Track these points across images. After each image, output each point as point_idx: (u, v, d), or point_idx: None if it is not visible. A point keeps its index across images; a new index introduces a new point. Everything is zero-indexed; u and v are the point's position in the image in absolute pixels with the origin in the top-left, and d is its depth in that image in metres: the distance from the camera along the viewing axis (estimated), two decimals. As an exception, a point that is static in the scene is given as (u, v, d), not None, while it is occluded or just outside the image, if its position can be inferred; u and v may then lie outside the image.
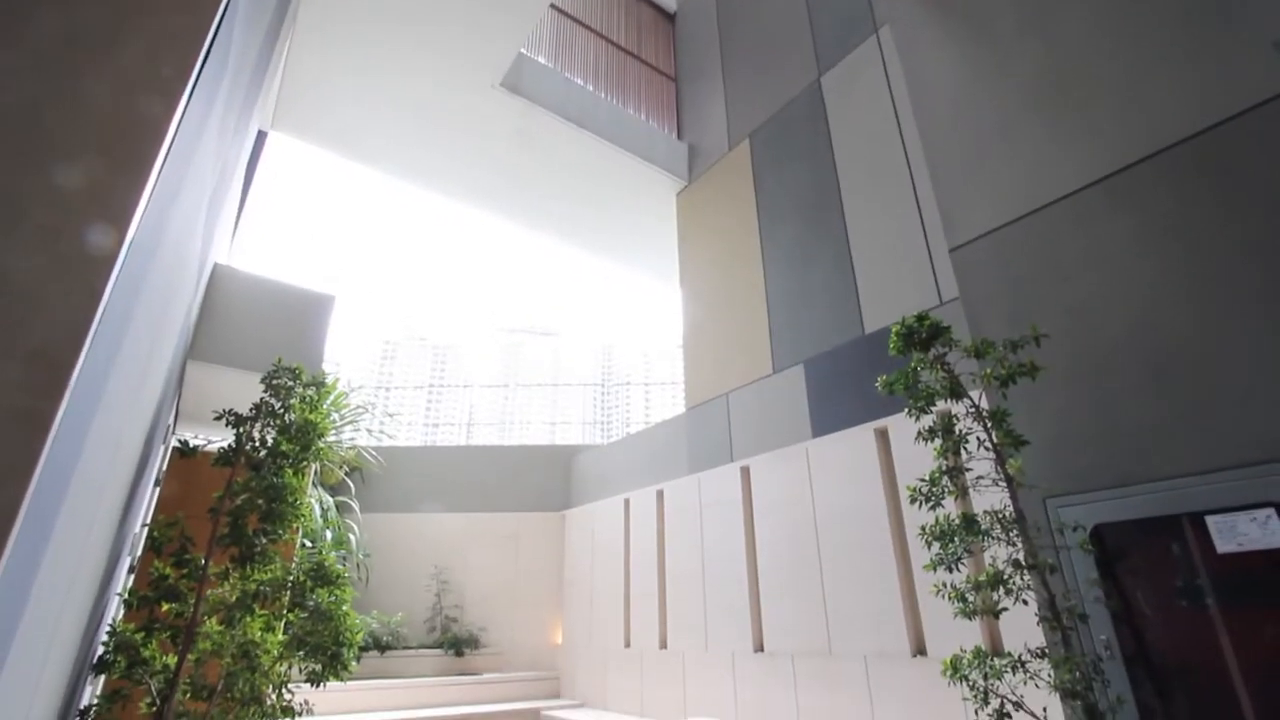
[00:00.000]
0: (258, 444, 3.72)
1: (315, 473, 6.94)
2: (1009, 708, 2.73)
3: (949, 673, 2.83)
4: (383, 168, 8.65)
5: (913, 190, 5.18)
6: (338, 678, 3.58)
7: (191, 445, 3.78)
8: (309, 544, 6.35)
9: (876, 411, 4.80)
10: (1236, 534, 2.74)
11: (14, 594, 1.16)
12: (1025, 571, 2.85)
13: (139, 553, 4.41)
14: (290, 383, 3.77)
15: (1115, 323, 3.28)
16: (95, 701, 3.36)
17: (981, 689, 2.76)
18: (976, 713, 2.76)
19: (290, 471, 3.66)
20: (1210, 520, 2.81)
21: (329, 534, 7.17)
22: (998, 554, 3.04)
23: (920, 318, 3.20)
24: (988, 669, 2.76)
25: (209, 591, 3.46)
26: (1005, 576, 2.84)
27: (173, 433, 5.09)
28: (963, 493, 3.08)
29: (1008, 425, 3.02)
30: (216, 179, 3.15)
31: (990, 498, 3.26)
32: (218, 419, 3.61)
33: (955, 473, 3.10)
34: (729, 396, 6.41)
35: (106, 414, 1.57)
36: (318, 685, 3.56)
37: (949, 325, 3.20)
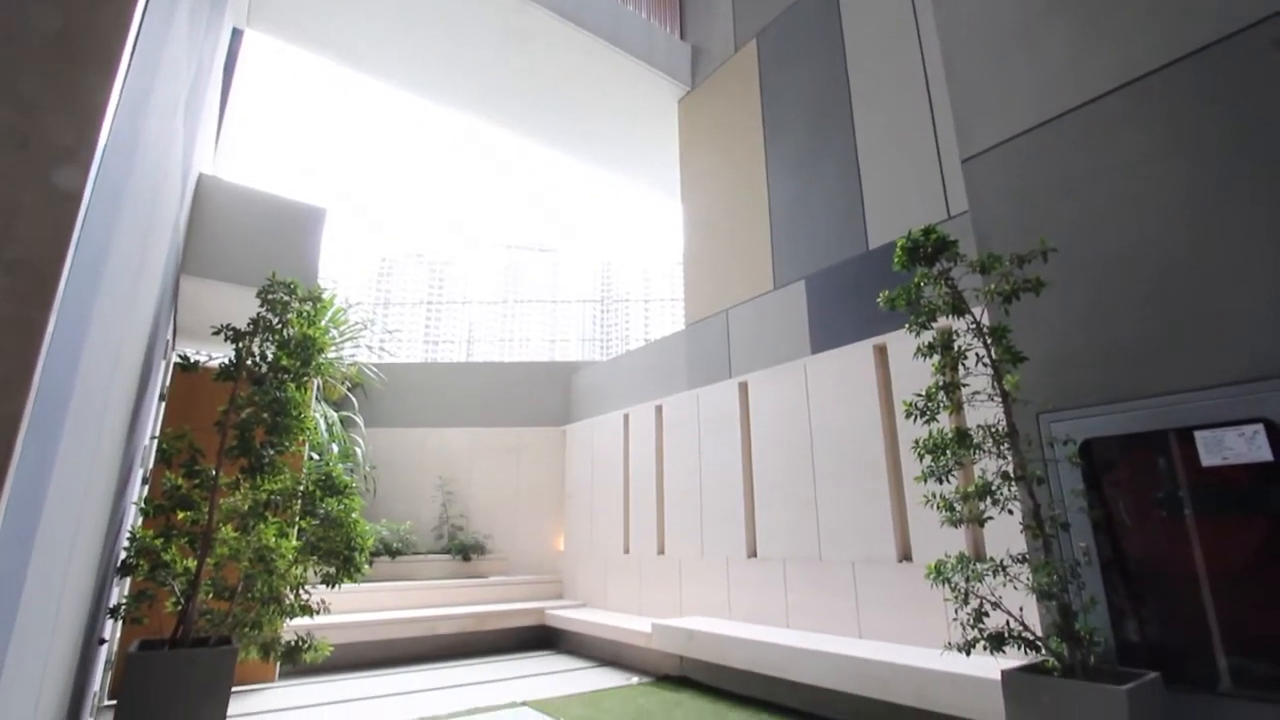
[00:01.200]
0: (258, 359, 3.74)
1: (317, 388, 7.01)
2: (987, 607, 2.90)
3: (932, 576, 2.97)
4: (365, 69, 8.18)
5: (927, 97, 4.94)
6: (351, 579, 3.77)
7: (192, 360, 3.80)
8: (316, 456, 6.51)
9: (876, 328, 4.80)
10: (1223, 448, 2.80)
11: (28, 499, 1.18)
12: (1013, 483, 2.94)
13: (151, 464, 4.54)
14: (286, 297, 3.74)
15: (1121, 237, 3.21)
16: (124, 600, 3.55)
17: (962, 590, 2.91)
18: (956, 612, 2.93)
19: (292, 386, 3.70)
20: (1199, 435, 2.86)
21: (335, 447, 7.34)
22: (987, 466, 3.13)
23: (927, 231, 3.13)
24: (970, 572, 2.90)
25: (222, 500, 3.58)
26: (993, 487, 2.93)
27: (173, 348, 5.10)
28: (957, 408, 3.12)
29: (1007, 341, 3.03)
30: (192, 78, 2.98)
31: (984, 412, 3.31)
32: (216, 334, 3.60)
33: (951, 388, 3.13)
34: (729, 313, 6.39)
35: (101, 324, 1.55)
36: (333, 586, 3.76)
37: (956, 239, 3.14)
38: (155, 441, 4.43)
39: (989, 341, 3.03)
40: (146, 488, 4.49)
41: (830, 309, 5.31)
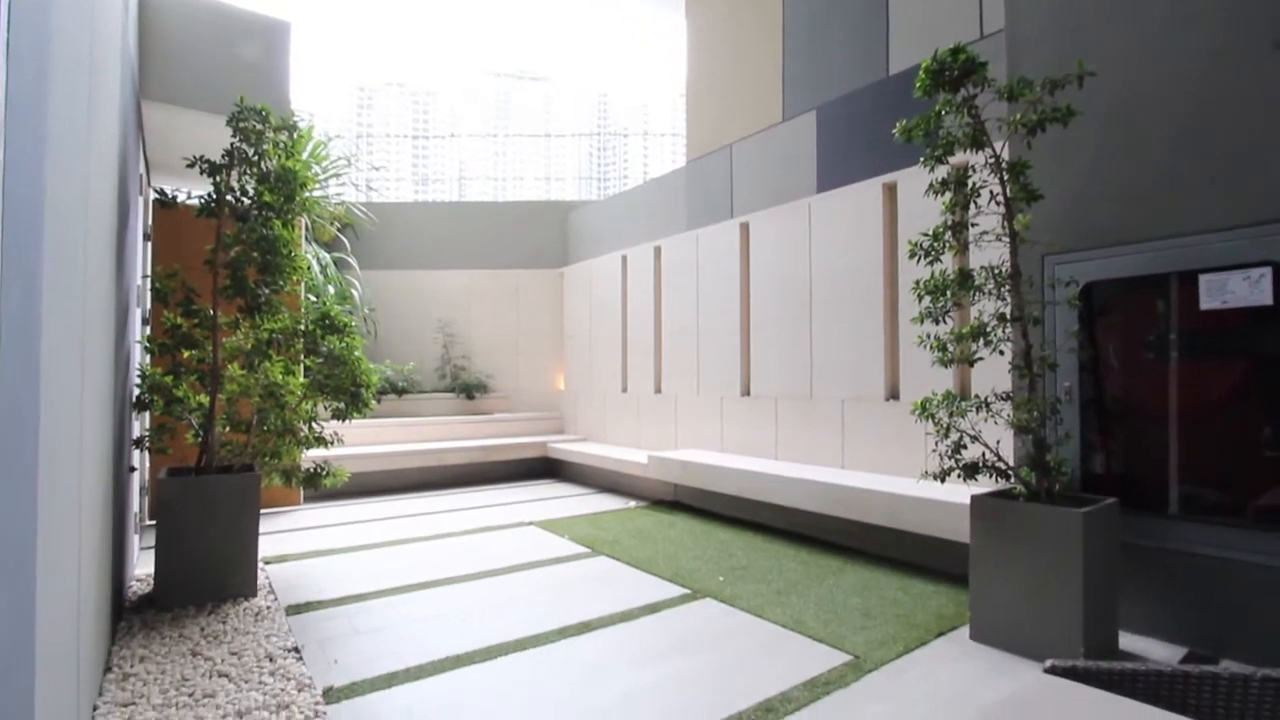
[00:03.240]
0: (238, 194, 3.57)
1: (306, 228, 6.82)
2: (966, 440, 3.06)
3: (918, 411, 3.10)
4: None
5: (972, -115, 4.25)
6: (360, 414, 3.93)
7: (171, 195, 3.63)
8: (314, 299, 6.51)
9: (887, 164, 4.56)
10: (1225, 291, 2.79)
11: (23, 326, 1.17)
12: (1008, 324, 2.96)
13: (148, 304, 4.53)
14: (259, 125, 3.48)
15: (1164, 65, 2.92)
16: (146, 433, 3.72)
17: (945, 425, 3.06)
18: (936, 444, 3.09)
19: (279, 224, 3.58)
20: (1203, 278, 2.83)
21: (331, 289, 7.31)
22: (985, 308, 3.13)
23: (955, 51, 2.84)
24: (954, 408, 3.02)
25: (225, 340, 3.62)
26: (988, 329, 2.96)
27: (148, 184, 4.86)
28: (963, 248, 3.05)
29: (1025, 179, 2.89)
30: None
31: (989, 254, 3.25)
32: (190, 166, 3.41)
33: (959, 228, 3.04)
34: (732, 148, 6.04)
35: (59, 148, 1.44)
36: (344, 420, 3.92)
37: (986, 61, 2.86)
38: (148, 281, 4.39)
39: (1005, 178, 2.89)
40: (148, 327, 4.52)
41: (841, 143, 5.01)
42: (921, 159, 3.04)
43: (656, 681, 2.51)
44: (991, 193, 2.93)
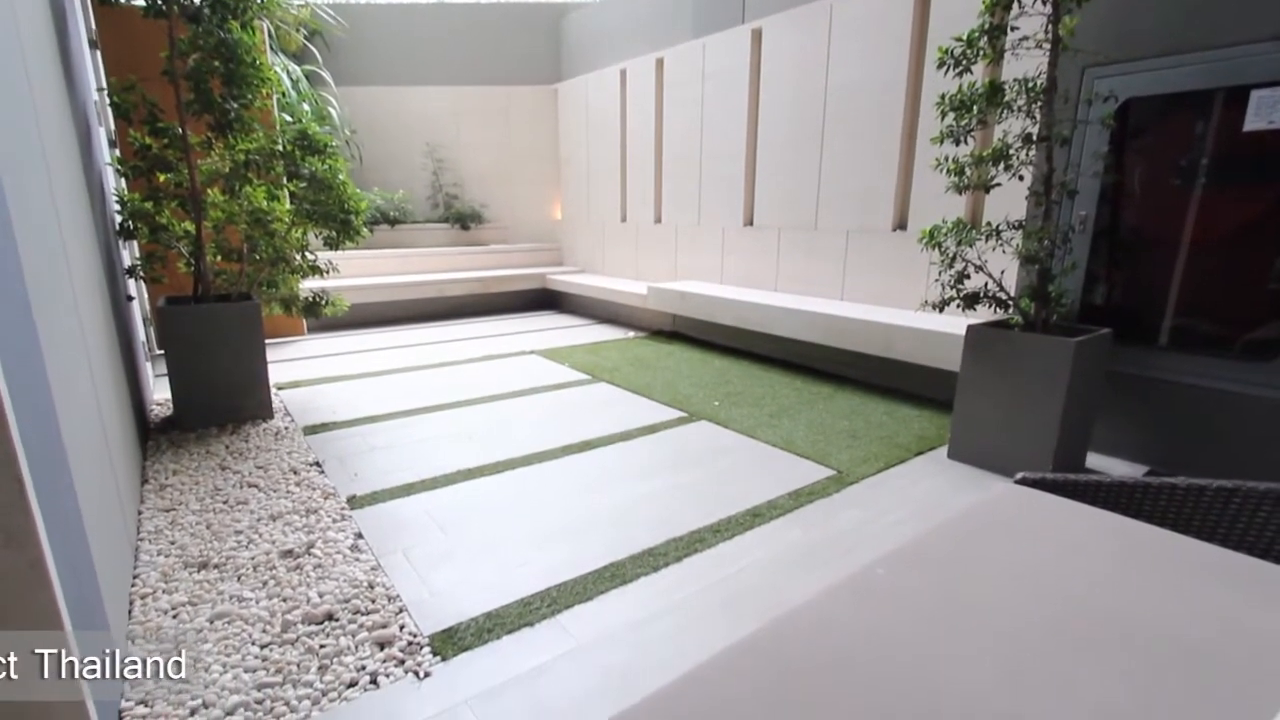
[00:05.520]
0: (185, -11, 3.16)
1: (270, 35, 6.15)
2: (970, 270, 3.01)
3: (925, 240, 3.02)
4: None
5: None
6: (353, 243, 3.85)
7: (108, -10, 3.21)
8: (289, 118, 6.06)
9: (923, -43, 3.99)
10: (1275, 110, 2.57)
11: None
12: (1033, 146, 2.77)
13: (112, 125, 4.22)
14: (193, -101, 2.97)
15: None
16: (137, 261, 3.66)
17: (951, 254, 2.99)
18: (940, 274, 3.05)
19: (236, 25, 3.21)
20: (1255, 94, 2.60)
21: (306, 107, 6.79)
22: (1010, 128, 2.92)
23: None
24: (962, 236, 2.94)
25: (200, 162, 3.41)
26: (1010, 151, 2.78)
27: (82, -22, 4.28)
28: (998, 57, 2.76)
29: (1080, -30, 2.53)
30: None
31: (1025, 65, 2.96)
32: (122, -48, 2.96)
33: (997, 32, 2.72)
34: (746, -63, 5.25)
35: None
36: (335, 249, 3.84)
37: None
38: (105, 95, 4.04)
39: (1058, -30, 2.53)
40: (116, 150, 4.26)
41: (872, -71, 4.34)
42: (965, -55, 2.64)
43: (654, 491, 2.72)
44: (1039, -12, 2.58)
